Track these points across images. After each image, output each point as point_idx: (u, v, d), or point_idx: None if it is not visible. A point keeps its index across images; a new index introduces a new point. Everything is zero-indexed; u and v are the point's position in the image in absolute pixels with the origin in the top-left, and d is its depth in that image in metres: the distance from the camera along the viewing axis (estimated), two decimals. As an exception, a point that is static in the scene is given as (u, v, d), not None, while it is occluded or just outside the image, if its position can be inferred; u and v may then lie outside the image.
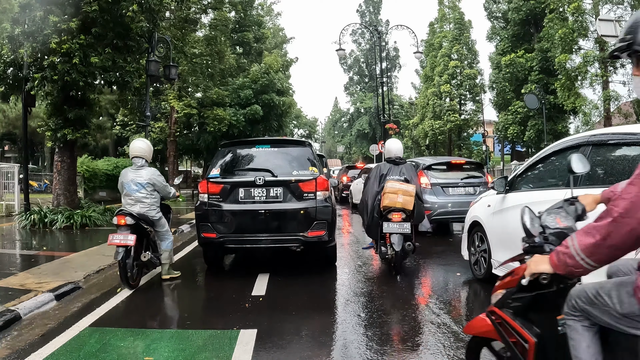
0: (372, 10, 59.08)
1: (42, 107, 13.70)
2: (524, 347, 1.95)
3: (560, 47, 21.07)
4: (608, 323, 1.67)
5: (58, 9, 9.48)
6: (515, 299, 2.04)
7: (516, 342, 2.00)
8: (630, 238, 1.50)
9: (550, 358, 1.90)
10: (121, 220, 5.15)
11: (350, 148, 58.32)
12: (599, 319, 1.71)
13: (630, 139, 3.31)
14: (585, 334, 1.75)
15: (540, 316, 1.97)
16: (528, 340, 1.94)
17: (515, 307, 2.04)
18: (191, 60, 18.35)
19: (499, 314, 2.11)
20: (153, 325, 4.09)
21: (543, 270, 1.74)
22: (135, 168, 5.46)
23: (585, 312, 1.74)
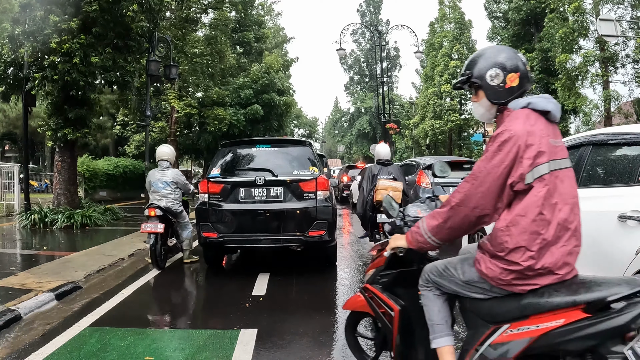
0: (372, 10, 59.08)
1: (43, 106, 13.72)
2: (390, 315, 2.40)
3: (560, 46, 21.06)
4: (454, 290, 2.10)
5: (58, 8, 9.48)
6: (383, 275, 2.54)
7: (385, 312, 2.44)
8: (464, 222, 1.95)
9: (411, 323, 2.35)
10: (151, 212, 6.13)
11: (350, 148, 58.32)
12: (447, 287, 2.12)
13: (631, 138, 3.30)
14: (437, 300, 2.18)
15: (404, 290, 2.44)
16: (394, 309, 2.39)
17: (383, 283, 2.53)
18: (191, 60, 18.36)
19: (370, 290, 2.58)
20: (153, 325, 4.09)
21: (400, 245, 2.22)
22: (161, 169, 6.49)
23: (436, 283, 2.16)
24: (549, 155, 1.89)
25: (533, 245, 1.83)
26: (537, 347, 1.80)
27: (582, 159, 3.69)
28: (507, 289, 1.90)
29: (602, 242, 3.19)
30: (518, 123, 1.92)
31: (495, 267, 1.91)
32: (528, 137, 1.88)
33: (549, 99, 2.04)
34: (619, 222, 3.04)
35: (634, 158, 3.21)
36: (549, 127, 1.99)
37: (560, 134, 2.12)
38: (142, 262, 6.77)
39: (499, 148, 1.90)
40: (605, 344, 1.69)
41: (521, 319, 1.86)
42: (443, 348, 2.12)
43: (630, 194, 3.05)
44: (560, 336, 1.73)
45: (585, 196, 3.48)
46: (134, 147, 28.02)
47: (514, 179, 1.87)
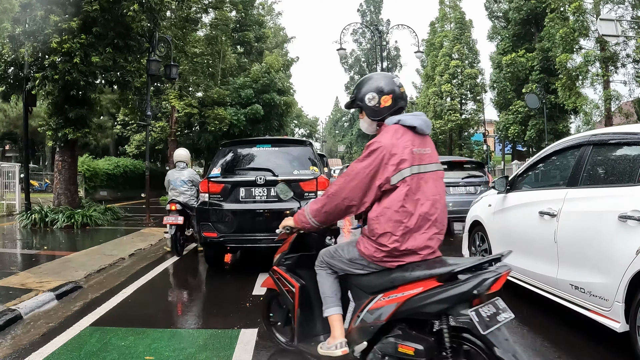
0: (372, 9, 59.09)
1: (43, 106, 13.70)
2: (292, 292, 2.87)
3: (561, 46, 21.05)
4: (342, 268, 2.57)
5: (59, 8, 9.48)
6: (287, 258, 3.07)
7: (288, 289, 2.91)
8: (336, 209, 2.46)
9: (310, 298, 2.83)
10: (172, 207, 7.07)
11: (351, 147, 58.34)
12: (337, 266, 2.60)
13: (631, 138, 3.30)
14: (329, 278, 2.65)
15: (304, 271, 2.92)
16: (295, 286, 2.87)
17: (287, 265, 3.05)
18: (192, 60, 18.36)
19: (277, 271, 3.08)
20: (154, 324, 4.09)
21: (289, 224, 2.76)
22: (179, 169, 7.47)
23: (328, 263, 2.64)
24: (410, 162, 2.34)
25: (397, 232, 2.31)
26: (403, 311, 2.22)
27: (582, 159, 3.69)
28: (380, 265, 2.39)
29: (603, 242, 3.19)
30: (386, 136, 2.39)
31: (370, 247, 2.39)
32: (392, 148, 2.34)
33: (418, 116, 2.47)
34: (620, 222, 3.03)
35: (634, 158, 3.20)
36: (416, 139, 2.43)
37: (430, 143, 2.54)
38: (143, 261, 6.79)
39: (368, 155, 2.37)
40: (455, 308, 2.11)
41: (391, 289, 2.31)
42: (333, 316, 2.59)
43: (631, 194, 3.05)
44: (419, 301, 2.16)
45: (585, 196, 3.50)
46: (135, 147, 28.04)
47: (381, 181, 2.34)
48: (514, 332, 3.74)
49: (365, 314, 2.39)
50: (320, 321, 2.79)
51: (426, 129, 2.47)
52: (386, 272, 2.37)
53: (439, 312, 2.14)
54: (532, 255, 4.15)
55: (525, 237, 4.30)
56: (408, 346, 2.20)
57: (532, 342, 3.50)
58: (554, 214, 3.74)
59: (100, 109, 15.92)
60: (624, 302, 2.98)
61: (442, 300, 2.11)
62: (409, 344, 2.21)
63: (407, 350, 2.20)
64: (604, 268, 3.17)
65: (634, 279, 2.89)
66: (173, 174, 7.48)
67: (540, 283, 4.05)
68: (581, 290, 3.41)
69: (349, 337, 2.52)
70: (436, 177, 2.47)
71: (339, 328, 2.56)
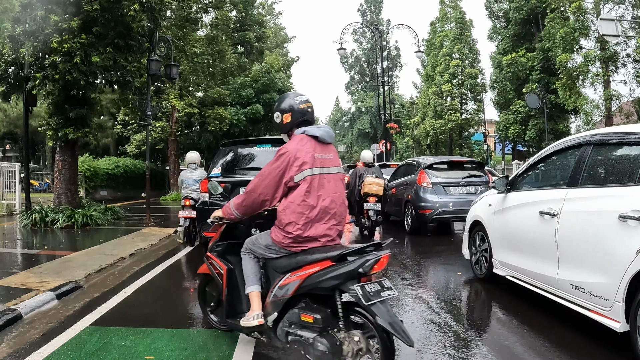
0: (373, 9, 59.04)
1: (43, 106, 13.70)
2: (222, 274, 3.35)
3: (561, 46, 21.04)
4: (261, 253, 3.07)
5: (59, 8, 9.48)
6: (218, 246, 3.53)
7: (218, 272, 3.39)
8: (253, 202, 3.00)
9: (236, 279, 3.31)
10: (187, 202, 7.75)
11: (351, 147, 58.32)
12: (257, 252, 3.09)
13: (632, 138, 3.30)
14: (251, 261, 3.13)
15: (232, 256, 3.37)
16: (223, 268, 3.35)
17: (218, 251, 3.51)
18: (192, 60, 18.37)
19: (210, 256, 3.53)
20: (154, 324, 4.09)
21: (219, 215, 3.28)
22: (191, 170, 8.19)
23: (251, 249, 3.13)
24: (311, 164, 2.87)
25: (300, 221, 2.82)
26: (305, 286, 2.73)
27: (582, 159, 3.69)
28: (288, 250, 2.91)
29: (603, 241, 3.19)
30: (293, 144, 2.94)
31: (279, 235, 2.91)
32: (296, 153, 2.87)
33: (322, 127, 3.04)
34: (620, 222, 3.03)
35: (634, 158, 3.20)
36: (318, 146, 2.97)
37: (332, 150, 3.08)
38: (144, 260, 6.79)
39: (277, 158, 2.91)
40: (345, 284, 2.61)
41: (297, 269, 2.81)
42: (252, 292, 3.07)
43: (631, 194, 3.05)
44: (317, 277, 2.68)
45: (585, 196, 3.50)
46: (135, 147, 28.06)
47: (287, 179, 2.88)
48: (514, 332, 3.74)
49: (277, 290, 2.88)
50: (245, 300, 3.20)
51: (328, 138, 3.03)
52: (293, 255, 2.90)
53: (332, 287, 2.65)
54: (532, 255, 4.15)
55: (525, 236, 4.30)
56: (308, 315, 2.72)
57: (532, 342, 3.50)
58: (554, 214, 3.74)
59: (101, 108, 15.93)
60: (624, 302, 2.98)
61: (334, 277, 2.63)
62: (309, 313, 2.73)
63: (307, 319, 2.72)
64: (604, 268, 3.17)
65: (634, 279, 2.89)
66: (186, 174, 8.23)
67: (540, 283, 4.05)
68: (581, 290, 3.41)
69: (265, 310, 2.98)
70: (337, 178, 3.03)
71: (257, 302, 3.02)
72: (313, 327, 2.71)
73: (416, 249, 7.88)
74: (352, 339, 2.61)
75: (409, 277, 5.70)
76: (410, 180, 9.68)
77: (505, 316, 4.23)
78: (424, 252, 7.51)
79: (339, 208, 2.97)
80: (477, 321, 4.10)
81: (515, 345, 3.46)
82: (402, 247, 8.12)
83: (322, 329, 2.69)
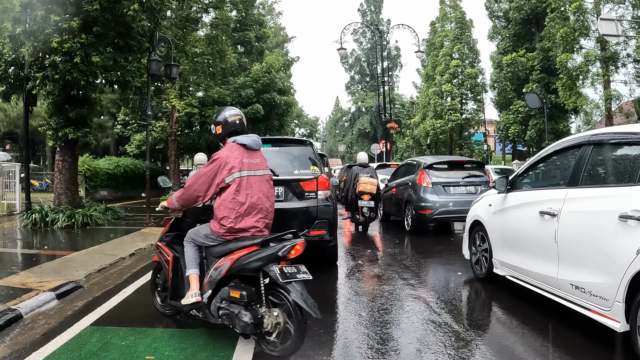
0: (373, 9, 59.04)
1: (44, 106, 13.70)
2: (168, 260, 3.84)
3: (561, 46, 21.02)
4: (201, 242, 3.59)
5: (59, 8, 9.47)
6: (167, 236, 4.04)
7: (165, 259, 3.88)
8: (189, 196, 3.55)
9: (180, 266, 3.75)
10: None
11: (351, 147, 58.27)
12: (198, 241, 3.61)
13: (632, 138, 3.30)
14: (192, 248, 3.62)
15: (178, 246, 3.84)
16: (169, 255, 3.84)
17: (166, 241, 3.99)
18: (192, 60, 18.34)
19: (159, 245, 4.01)
20: (154, 324, 4.09)
21: (164, 205, 3.79)
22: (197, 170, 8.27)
23: (192, 239, 3.63)
24: (239, 168, 3.46)
25: (231, 215, 3.40)
26: (235, 267, 3.26)
27: (582, 159, 3.69)
28: (223, 238, 3.47)
29: (603, 241, 3.19)
30: (224, 151, 3.54)
31: (216, 226, 3.47)
32: (227, 159, 3.46)
33: (249, 137, 3.65)
34: (620, 222, 3.03)
35: (634, 158, 3.20)
36: (246, 153, 3.56)
37: (259, 155, 3.69)
38: (144, 260, 6.78)
39: (211, 162, 3.50)
40: (267, 265, 3.14)
41: (230, 253, 3.36)
42: (191, 275, 3.53)
43: (631, 194, 3.05)
44: (244, 260, 3.23)
45: (586, 196, 3.50)
46: (135, 147, 28.04)
47: (218, 180, 3.46)
48: (514, 332, 3.75)
49: (212, 271, 3.40)
50: (187, 284, 3.60)
51: (255, 146, 3.64)
52: (226, 242, 3.45)
53: (256, 268, 3.18)
54: (533, 255, 4.15)
55: (525, 236, 4.30)
56: (236, 292, 3.25)
57: (532, 342, 3.51)
58: (554, 214, 3.74)
59: (101, 108, 15.92)
60: (624, 302, 2.98)
61: (257, 259, 3.17)
62: (237, 290, 3.25)
63: (235, 295, 3.24)
64: (604, 268, 3.17)
65: (634, 279, 2.89)
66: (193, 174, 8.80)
67: (540, 283, 4.05)
68: (581, 290, 3.41)
69: (202, 289, 3.46)
70: (263, 179, 3.62)
71: (196, 283, 3.50)
72: (240, 302, 3.22)
73: (416, 249, 7.88)
74: (272, 314, 3.14)
75: (409, 277, 5.70)
76: (411, 180, 9.69)
77: (505, 316, 4.23)
78: (424, 252, 7.51)
79: (265, 204, 3.57)
80: (477, 321, 4.10)
81: (515, 345, 3.46)
82: (402, 247, 8.12)
83: (247, 304, 3.21)
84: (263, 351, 3.26)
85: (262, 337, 3.22)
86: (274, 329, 3.14)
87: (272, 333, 3.16)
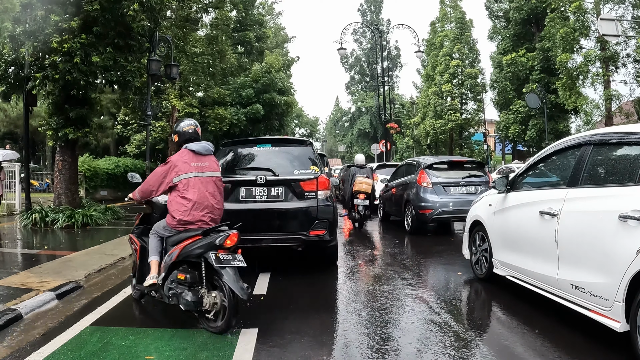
0: (373, 9, 59.04)
1: (44, 106, 13.69)
2: (136, 249, 4.45)
3: (561, 46, 21.03)
4: (162, 233, 4.11)
5: (59, 8, 9.46)
6: (137, 228, 4.65)
7: (135, 249, 4.50)
8: (145, 190, 4.12)
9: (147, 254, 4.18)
10: None
11: (351, 147, 58.25)
12: (160, 232, 4.13)
13: (632, 138, 3.30)
14: (155, 239, 4.14)
15: (145, 237, 4.33)
16: (137, 244, 4.44)
17: (137, 233, 4.59)
18: (192, 60, 18.32)
19: (131, 237, 4.62)
20: (154, 324, 4.10)
21: (130, 196, 4.38)
22: None
23: (156, 231, 4.16)
24: (187, 170, 4.01)
25: (181, 210, 3.94)
26: (182, 253, 3.81)
27: (582, 159, 3.69)
28: (176, 229, 4.00)
29: (603, 241, 3.19)
30: (176, 155, 4.11)
31: (170, 219, 4.02)
32: (177, 162, 4.03)
33: (199, 143, 4.17)
34: (620, 222, 3.03)
35: (634, 158, 3.20)
36: (195, 157, 4.09)
37: (208, 159, 4.18)
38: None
39: (164, 164, 4.11)
40: (207, 252, 3.67)
41: (180, 242, 3.89)
42: (152, 261, 4.07)
43: (631, 194, 3.05)
44: (189, 247, 3.79)
45: (586, 196, 3.50)
46: (135, 147, 28.01)
47: (168, 180, 4.02)
48: (514, 332, 3.75)
49: (166, 258, 3.96)
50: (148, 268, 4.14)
51: (204, 151, 4.15)
52: (178, 233, 3.98)
53: (199, 255, 3.72)
54: (533, 255, 4.15)
55: (525, 236, 4.30)
56: (182, 274, 3.82)
57: (532, 342, 3.50)
58: (554, 214, 3.74)
59: (101, 108, 15.89)
60: (625, 302, 2.98)
61: (199, 247, 3.73)
62: (183, 273, 3.83)
63: (181, 277, 3.81)
64: (604, 268, 3.17)
65: (634, 279, 2.89)
66: None
67: (540, 283, 4.05)
68: (581, 290, 3.41)
69: (159, 273, 4.01)
70: (209, 180, 4.11)
71: (155, 268, 4.04)
72: (184, 283, 3.79)
73: (416, 249, 7.88)
74: (211, 295, 3.71)
75: (409, 277, 5.70)
76: (411, 180, 9.68)
77: (505, 316, 4.23)
78: (424, 252, 7.50)
79: (210, 201, 4.05)
80: (477, 321, 4.10)
81: (515, 345, 3.46)
82: (402, 247, 8.12)
83: (190, 285, 3.77)
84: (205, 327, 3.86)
85: (202, 315, 3.78)
86: (212, 308, 3.70)
87: (211, 312, 3.71)
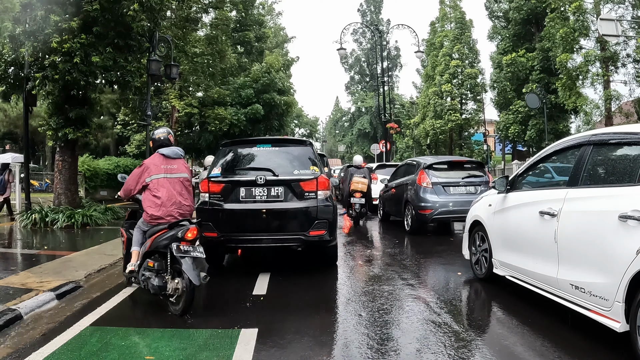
0: (373, 9, 59.02)
1: (43, 106, 13.69)
2: (124, 241, 5.13)
3: (561, 46, 21.02)
4: (142, 228, 4.73)
5: (59, 8, 9.46)
6: (126, 223, 5.26)
7: (123, 241, 5.20)
8: (126, 189, 4.74)
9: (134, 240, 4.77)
10: None
11: (351, 147, 58.24)
12: (141, 227, 4.68)
13: (632, 138, 3.30)
14: (138, 232, 4.70)
15: (132, 229, 4.91)
16: (125, 237, 5.10)
17: (125, 227, 5.19)
18: (192, 60, 18.33)
19: (120, 230, 5.28)
20: (154, 324, 4.10)
21: (119, 194, 4.89)
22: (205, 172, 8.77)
23: (139, 226, 4.71)
24: (157, 172, 4.57)
25: (153, 206, 4.49)
26: (153, 244, 4.39)
27: (582, 159, 3.69)
28: (150, 224, 4.54)
29: (603, 241, 3.19)
30: (150, 159, 4.71)
31: (145, 215, 4.55)
32: (149, 165, 4.62)
33: (169, 148, 4.76)
34: (620, 222, 3.03)
35: (634, 158, 3.20)
36: (165, 160, 4.67)
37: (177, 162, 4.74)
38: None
39: (139, 167, 4.69)
40: (172, 244, 4.18)
41: (153, 235, 4.45)
42: (133, 251, 4.70)
43: (631, 194, 3.05)
44: (158, 239, 4.36)
45: (585, 196, 3.50)
46: (135, 147, 28.01)
47: (141, 180, 4.60)
48: (514, 332, 3.75)
49: (142, 248, 4.58)
50: None
51: (173, 155, 4.72)
52: (152, 227, 4.52)
53: (165, 246, 4.25)
54: (532, 255, 4.15)
55: (525, 236, 4.30)
56: (151, 262, 4.42)
57: (532, 342, 3.50)
58: (554, 214, 3.74)
59: (101, 108, 15.90)
60: (624, 302, 2.98)
61: (165, 239, 4.28)
62: (152, 261, 4.42)
63: (150, 265, 4.42)
64: (604, 268, 3.17)
65: (634, 279, 2.89)
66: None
67: (540, 283, 4.05)
68: (581, 290, 3.41)
69: (137, 262, 4.61)
70: (177, 180, 4.66)
71: (135, 257, 4.65)
72: (152, 270, 4.37)
73: (416, 249, 7.88)
74: (174, 281, 4.19)
75: (408, 277, 5.70)
76: (410, 180, 9.68)
77: (505, 316, 4.23)
78: (424, 252, 7.51)
79: (178, 199, 4.58)
80: (477, 321, 4.10)
81: (515, 345, 3.46)
82: (402, 247, 8.12)
83: (157, 272, 4.33)
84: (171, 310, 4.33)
85: (166, 299, 4.26)
86: (174, 293, 4.17)
87: (173, 296, 4.18)
